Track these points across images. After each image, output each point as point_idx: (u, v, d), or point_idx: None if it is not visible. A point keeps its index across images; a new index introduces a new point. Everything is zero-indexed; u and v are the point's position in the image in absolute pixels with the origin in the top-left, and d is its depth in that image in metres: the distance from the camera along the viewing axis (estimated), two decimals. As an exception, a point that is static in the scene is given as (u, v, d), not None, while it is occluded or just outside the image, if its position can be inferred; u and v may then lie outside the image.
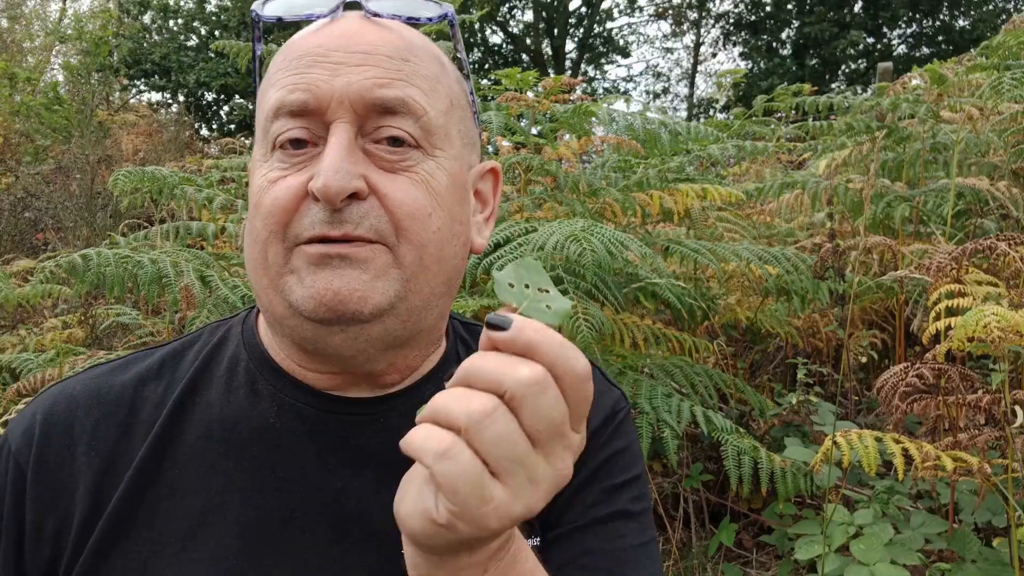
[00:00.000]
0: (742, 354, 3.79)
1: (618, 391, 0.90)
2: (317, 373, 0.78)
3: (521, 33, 23.68)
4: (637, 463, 0.86)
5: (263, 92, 0.76)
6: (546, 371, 0.52)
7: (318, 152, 0.70)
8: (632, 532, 0.81)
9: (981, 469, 1.90)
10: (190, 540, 0.72)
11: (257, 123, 0.77)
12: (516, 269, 0.59)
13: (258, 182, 0.73)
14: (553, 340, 0.53)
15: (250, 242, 0.74)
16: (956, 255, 2.18)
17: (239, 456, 0.76)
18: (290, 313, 0.71)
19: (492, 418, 0.51)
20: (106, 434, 0.76)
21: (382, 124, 0.71)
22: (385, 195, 0.70)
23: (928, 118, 3.26)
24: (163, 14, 18.41)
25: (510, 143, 3.28)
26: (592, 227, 2.13)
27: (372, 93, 0.70)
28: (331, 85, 0.69)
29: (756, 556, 2.85)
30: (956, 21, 19.83)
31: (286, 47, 0.75)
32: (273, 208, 0.70)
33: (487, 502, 0.51)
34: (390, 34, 0.74)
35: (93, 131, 9.43)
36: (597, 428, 0.84)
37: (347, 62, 0.70)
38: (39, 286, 3.12)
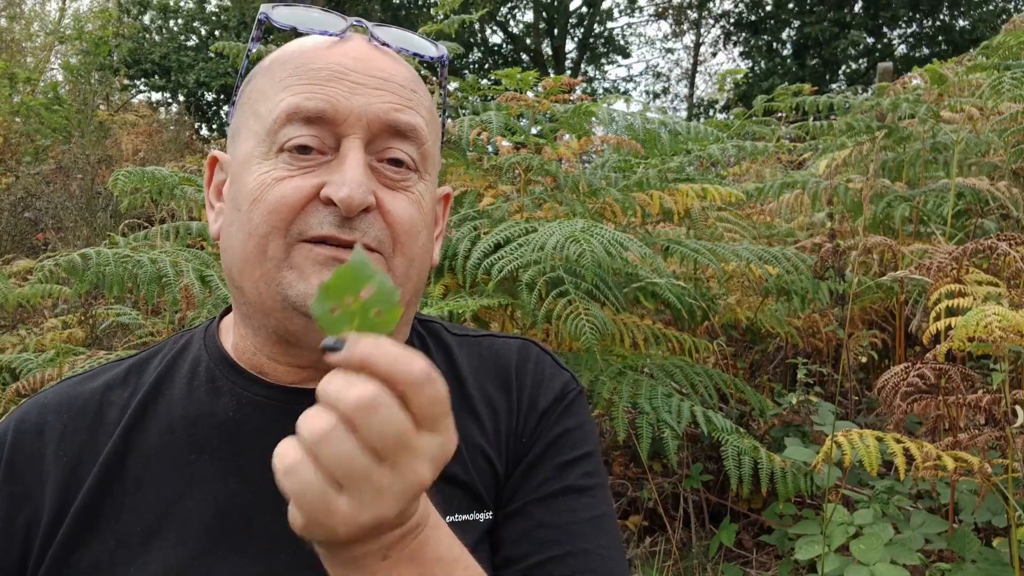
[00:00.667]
0: (742, 354, 3.80)
1: (568, 374, 0.93)
2: (287, 366, 0.82)
3: (521, 33, 23.68)
4: (588, 441, 0.89)
5: (266, 93, 0.78)
6: (378, 388, 0.53)
7: (326, 160, 0.75)
8: (583, 506, 0.84)
9: (981, 469, 1.90)
10: (155, 533, 0.76)
11: (251, 119, 0.79)
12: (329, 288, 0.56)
13: (258, 179, 0.75)
14: (385, 353, 0.53)
15: (242, 236, 0.76)
16: (956, 255, 2.18)
17: (201, 450, 0.79)
18: (282, 306, 0.75)
19: (328, 438, 0.53)
20: (73, 436, 0.81)
21: (391, 145, 0.77)
22: (389, 211, 0.76)
23: (928, 118, 3.26)
24: (163, 14, 18.41)
25: (510, 143, 3.28)
26: (592, 227, 2.13)
27: (389, 116, 0.76)
28: (350, 102, 0.75)
29: (756, 556, 2.85)
30: (956, 21, 19.83)
31: (293, 55, 0.79)
32: (279, 205, 0.74)
33: (332, 514, 0.54)
34: (400, 65, 0.81)
35: (93, 131, 9.43)
36: (546, 408, 0.88)
37: (366, 84, 0.76)
38: (39, 286, 3.12)
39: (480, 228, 2.54)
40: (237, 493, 0.77)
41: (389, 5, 18.84)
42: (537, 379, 0.91)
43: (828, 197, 3.53)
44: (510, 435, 0.87)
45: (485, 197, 2.83)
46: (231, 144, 0.83)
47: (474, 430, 0.87)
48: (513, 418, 0.88)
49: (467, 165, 3.06)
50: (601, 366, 2.48)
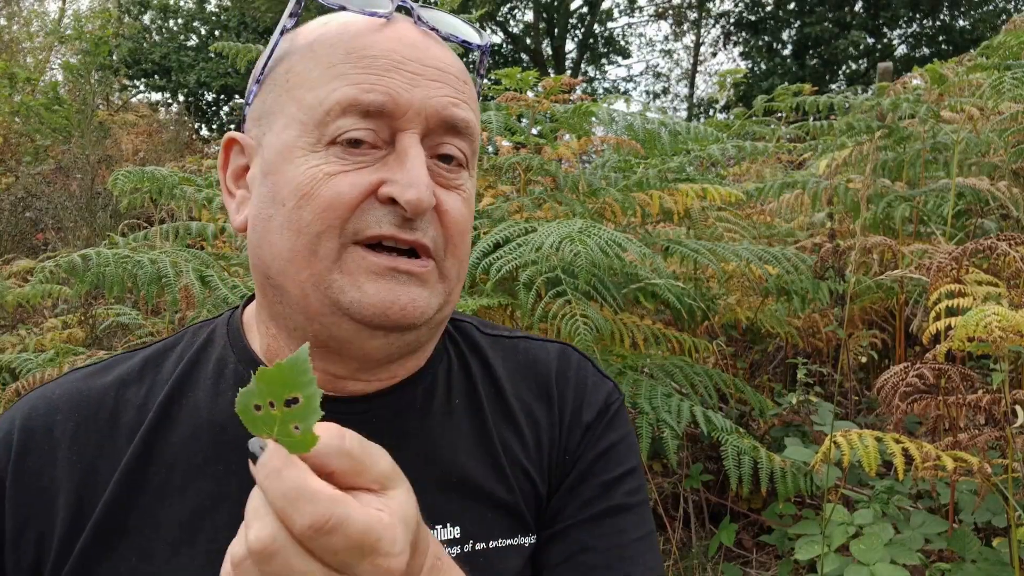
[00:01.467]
0: (742, 354, 3.79)
1: (611, 383, 0.90)
2: (322, 374, 0.76)
3: (521, 33, 23.68)
4: (632, 455, 0.86)
5: (314, 78, 0.72)
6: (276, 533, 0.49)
7: (381, 155, 0.71)
8: (630, 526, 0.81)
9: (981, 469, 1.90)
10: (181, 545, 0.72)
11: (294, 105, 0.72)
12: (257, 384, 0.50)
13: (308, 172, 0.70)
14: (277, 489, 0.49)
15: (290, 233, 0.70)
16: (956, 255, 2.17)
17: (228, 459, 0.75)
18: (330, 311, 0.70)
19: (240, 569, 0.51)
20: (87, 438, 0.75)
21: (445, 141, 0.73)
22: (446, 211, 0.73)
23: (928, 118, 3.26)
24: (163, 14, 18.41)
25: (510, 143, 3.28)
26: (589, 228, 2.13)
27: (447, 111, 0.72)
28: (411, 95, 0.70)
29: (756, 556, 2.85)
30: (956, 21, 19.82)
31: (343, 39, 0.72)
32: (335, 202, 0.69)
33: None
34: (451, 55, 0.77)
35: (93, 131, 9.43)
36: (591, 423, 0.84)
37: (423, 75, 0.72)
38: (39, 286, 3.12)
39: (479, 228, 2.54)
40: None
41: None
42: (580, 389, 0.87)
43: (828, 197, 3.52)
44: (552, 450, 0.83)
45: (485, 197, 2.83)
46: (255, 127, 0.77)
47: (515, 445, 0.82)
48: (556, 432, 0.83)
49: (467, 165, 3.06)
50: (601, 366, 2.47)
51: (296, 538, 0.49)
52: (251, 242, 0.76)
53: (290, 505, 0.49)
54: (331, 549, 0.49)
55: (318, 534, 0.49)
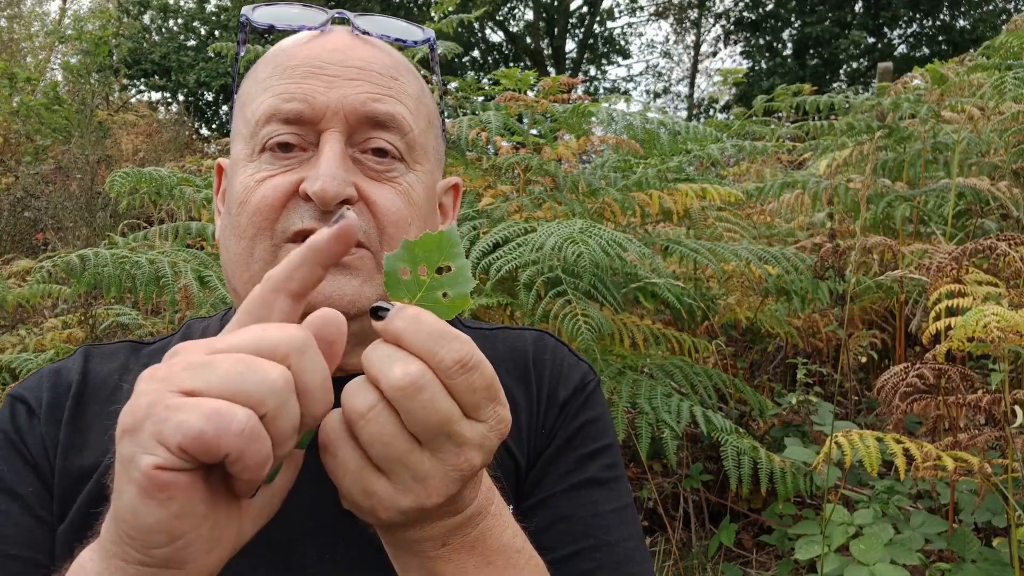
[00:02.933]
0: (742, 354, 3.79)
1: (586, 365, 0.93)
2: None
3: (521, 32, 23.68)
4: (608, 433, 0.89)
5: (250, 95, 0.78)
6: (422, 370, 0.50)
7: (307, 157, 0.74)
8: (605, 498, 0.84)
9: (981, 469, 1.89)
10: None
11: (240, 122, 0.79)
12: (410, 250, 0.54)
13: (243, 181, 0.75)
14: (420, 330, 0.51)
15: (234, 239, 0.76)
16: (956, 255, 2.17)
17: None
18: None
19: (367, 419, 0.51)
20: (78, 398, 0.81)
21: (371, 136, 0.76)
22: (373, 202, 0.75)
23: (929, 118, 3.25)
24: (163, 14, 18.42)
25: (509, 143, 3.28)
26: (590, 228, 2.13)
27: (366, 107, 0.75)
28: (327, 97, 0.74)
29: (756, 556, 2.85)
30: (957, 21, 19.82)
31: (275, 54, 0.78)
32: (261, 205, 0.73)
33: (369, 495, 0.52)
34: (380, 52, 0.79)
35: (93, 131, 9.43)
36: (567, 399, 0.88)
37: (342, 75, 0.75)
38: (38, 286, 3.12)
39: (479, 228, 2.54)
40: None
41: (388, 5, 18.84)
42: (556, 370, 0.89)
43: (828, 197, 3.52)
44: (531, 427, 0.86)
45: (484, 197, 2.82)
46: (231, 148, 0.83)
47: None
48: (533, 410, 0.87)
49: (466, 165, 3.06)
50: (601, 366, 2.47)
51: (440, 375, 0.51)
52: (220, 252, 0.82)
53: (436, 342, 0.51)
54: (471, 387, 0.51)
55: (463, 369, 0.51)
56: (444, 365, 0.51)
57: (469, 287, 0.54)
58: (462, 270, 0.54)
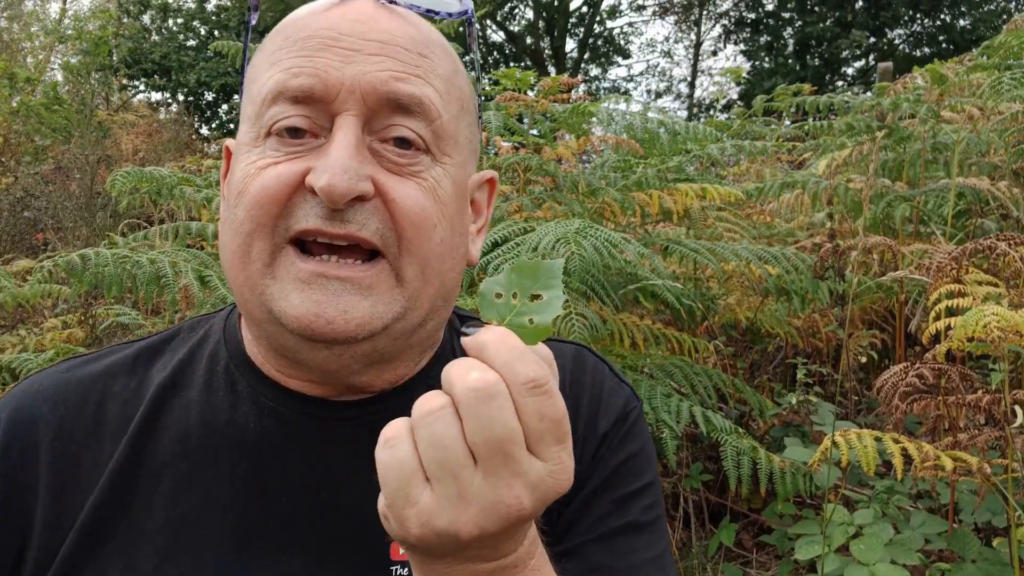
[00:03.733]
0: (742, 354, 3.79)
1: (628, 389, 0.84)
2: (299, 380, 0.74)
3: (522, 32, 23.67)
4: (650, 467, 0.81)
5: (257, 70, 0.69)
6: (499, 380, 0.49)
7: (319, 144, 0.65)
8: (644, 545, 0.76)
9: (981, 469, 1.89)
10: (170, 549, 0.69)
11: (248, 102, 0.69)
12: (508, 275, 0.55)
13: (244, 168, 0.66)
14: (504, 344, 0.50)
15: (230, 234, 0.67)
16: (956, 255, 2.17)
17: (219, 462, 0.72)
18: (268, 319, 0.67)
19: (433, 416, 0.49)
20: (71, 430, 0.72)
21: (393, 123, 0.65)
22: (393, 200, 0.65)
23: (929, 118, 3.25)
24: (163, 13, 18.41)
25: (509, 143, 3.28)
26: (586, 228, 2.12)
27: (387, 86, 0.64)
28: (342, 73, 0.63)
29: (756, 556, 2.85)
30: (957, 21, 19.83)
31: (287, 24, 0.68)
32: (261, 198, 0.64)
33: (411, 503, 0.49)
34: (407, 24, 0.68)
35: (93, 131, 9.43)
36: (607, 431, 0.79)
37: (361, 49, 0.64)
38: (38, 286, 3.12)
39: (479, 228, 2.54)
40: (257, 514, 0.70)
41: None
42: (595, 395, 0.81)
43: (828, 197, 3.52)
44: None
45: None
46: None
47: None
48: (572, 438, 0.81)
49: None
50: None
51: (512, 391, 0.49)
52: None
53: (517, 358, 0.49)
54: (540, 412, 0.49)
55: (535, 390, 0.49)
56: (518, 380, 0.49)
57: (553, 315, 0.54)
58: (553, 301, 0.54)
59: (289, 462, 0.73)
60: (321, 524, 0.71)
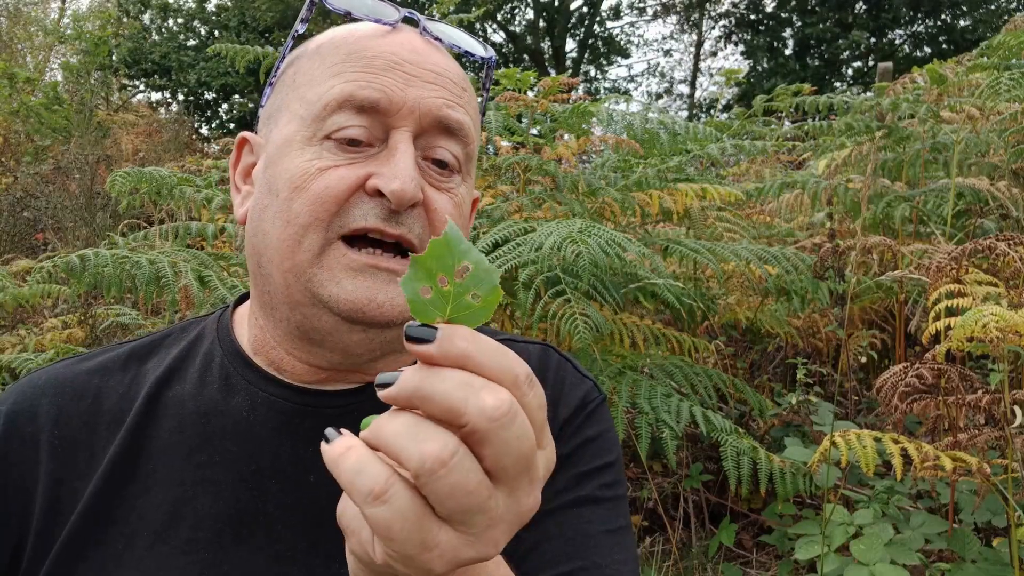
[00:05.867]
0: (742, 354, 3.79)
1: (590, 382, 0.89)
2: (306, 365, 0.78)
3: (522, 32, 23.68)
4: (611, 450, 0.85)
5: (315, 77, 0.75)
6: (510, 396, 0.44)
7: (374, 152, 0.73)
8: (599, 518, 0.79)
9: (981, 469, 1.89)
10: (164, 533, 0.73)
11: (299, 103, 0.76)
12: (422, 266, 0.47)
13: (301, 165, 0.73)
14: (488, 348, 0.45)
15: (280, 222, 0.73)
16: (956, 255, 2.17)
17: (212, 450, 0.76)
18: (311, 301, 0.73)
19: (449, 467, 0.43)
20: (69, 420, 0.77)
21: (438, 144, 0.75)
22: (434, 210, 0.74)
23: (928, 118, 3.26)
24: (162, 13, 18.41)
25: (509, 143, 3.28)
26: (589, 228, 2.13)
27: (441, 111, 0.74)
28: (405, 93, 0.73)
29: (756, 556, 2.85)
30: (958, 21, 19.83)
31: (347, 41, 0.76)
32: (324, 195, 0.71)
33: (430, 548, 0.45)
34: (451, 61, 0.80)
35: (93, 131, 9.43)
36: (568, 417, 0.84)
37: (420, 76, 0.74)
38: (37, 286, 3.12)
39: (479, 228, 2.54)
40: (249, 499, 0.75)
41: (389, 5, 18.81)
42: (558, 387, 0.86)
43: (828, 197, 3.52)
44: None
45: (484, 197, 2.82)
46: (264, 126, 0.81)
47: None
48: None
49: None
50: (600, 366, 2.48)
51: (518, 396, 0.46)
52: (248, 231, 0.79)
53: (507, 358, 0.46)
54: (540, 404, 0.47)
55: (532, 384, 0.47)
56: (520, 380, 0.46)
57: (495, 279, 0.47)
58: (479, 263, 0.47)
59: (280, 449, 0.77)
60: (311, 508, 0.75)
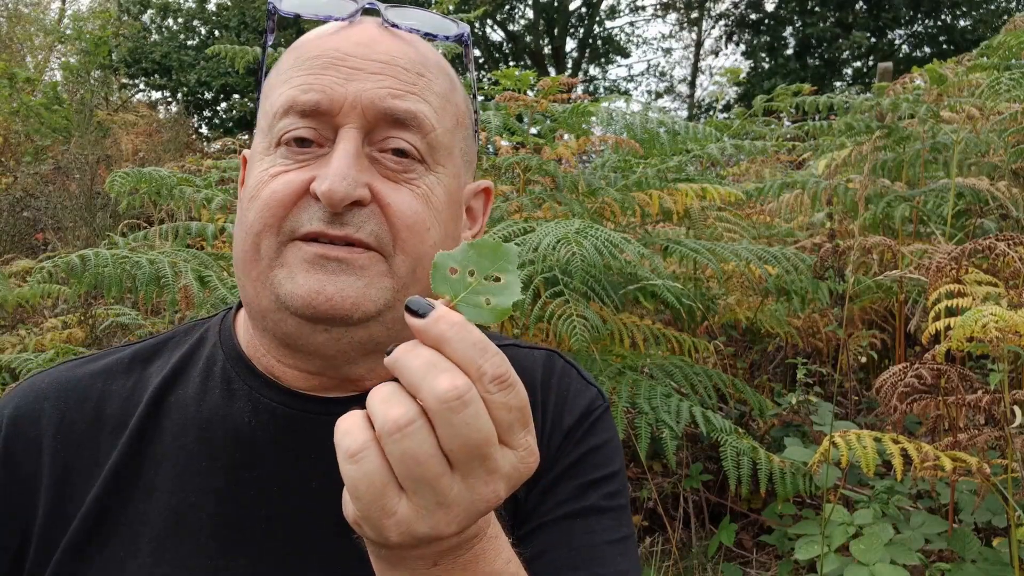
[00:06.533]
0: (742, 354, 3.79)
1: (595, 389, 0.89)
2: (296, 371, 0.78)
3: (521, 32, 23.68)
4: (613, 461, 0.85)
5: (271, 87, 0.76)
6: (469, 383, 0.48)
7: (323, 153, 0.71)
8: (603, 528, 0.79)
9: (980, 469, 1.89)
10: (166, 540, 0.73)
11: (262, 116, 0.77)
12: (465, 252, 0.52)
13: (257, 175, 0.73)
14: (466, 339, 0.48)
15: (242, 234, 0.74)
16: (956, 255, 2.17)
17: (214, 455, 0.76)
18: (275, 307, 0.72)
19: (403, 432, 0.47)
20: (72, 424, 0.77)
21: (390, 135, 0.72)
22: (387, 204, 0.71)
23: (928, 118, 3.25)
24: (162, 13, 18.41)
25: (509, 143, 3.28)
26: (586, 228, 2.13)
27: (385, 103, 0.71)
28: (345, 89, 0.71)
29: (756, 556, 2.85)
30: (958, 21, 19.84)
31: (299, 45, 0.76)
32: (270, 201, 0.71)
33: (388, 514, 0.49)
34: (407, 46, 0.76)
35: (93, 131, 9.43)
36: (572, 426, 0.84)
37: (364, 68, 0.72)
38: (37, 286, 3.12)
39: (479, 228, 2.54)
40: (251, 505, 0.75)
41: (389, 5, 18.81)
42: (562, 395, 0.86)
43: (828, 197, 3.52)
44: None
45: (484, 197, 2.82)
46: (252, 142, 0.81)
47: None
48: (537, 436, 0.80)
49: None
50: (600, 366, 2.48)
51: (479, 389, 0.48)
52: None
53: (480, 354, 0.48)
54: (507, 405, 0.49)
55: (502, 385, 0.49)
56: (486, 379, 0.48)
57: (514, 299, 0.52)
58: (511, 284, 0.52)
59: (282, 455, 0.77)
60: (313, 515, 0.75)
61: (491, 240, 0.53)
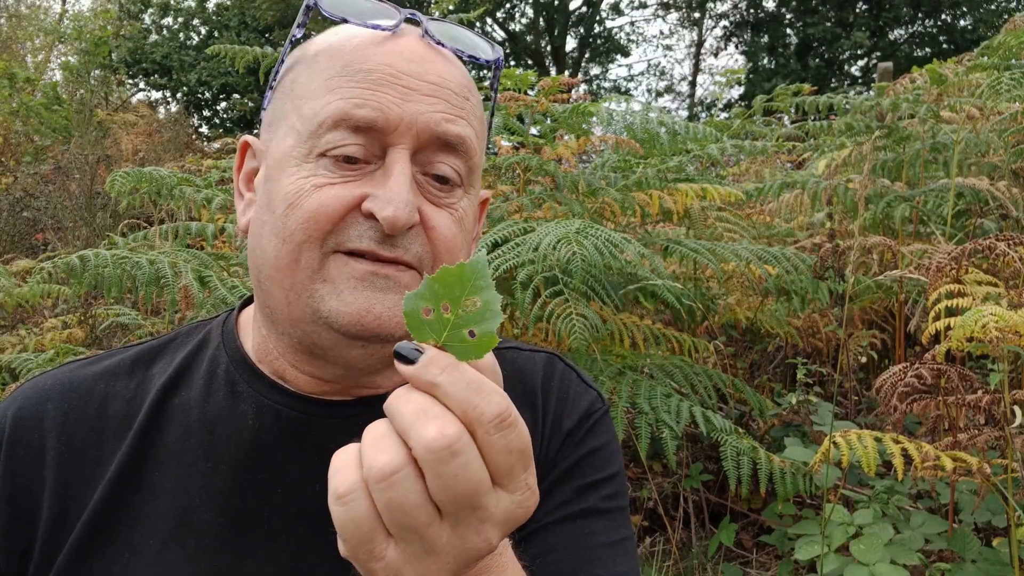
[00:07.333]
0: (742, 354, 3.79)
1: (594, 392, 0.89)
2: (309, 377, 0.78)
3: (522, 31, 23.67)
4: (613, 462, 0.85)
5: (310, 90, 0.73)
6: (460, 431, 0.46)
7: (371, 170, 0.71)
8: (602, 530, 0.80)
9: (981, 469, 1.89)
10: (170, 541, 0.73)
11: (294, 115, 0.74)
12: (430, 287, 0.49)
13: (297, 183, 0.71)
14: (459, 381, 0.47)
15: (276, 240, 0.72)
16: (956, 255, 2.17)
17: (218, 458, 0.76)
18: (311, 319, 0.72)
19: (390, 482, 0.46)
20: (75, 426, 0.77)
21: (438, 159, 0.73)
22: (432, 228, 0.73)
23: (928, 118, 3.25)
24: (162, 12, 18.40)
25: (509, 143, 3.28)
26: (586, 228, 2.13)
27: (440, 127, 0.72)
28: (401, 110, 0.70)
29: (756, 556, 2.85)
30: (958, 21, 19.84)
31: (342, 51, 0.73)
32: (318, 214, 0.70)
33: (376, 559, 0.48)
34: (454, 68, 0.76)
35: (92, 131, 9.43)
36: (571, 429, 0.85)
37: (418, 90, 0.71)
38: (37, 286, 3.12)
39: (479, 228, 2.54)
40: (255, 507, 0.75)
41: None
42: (562, 398, 0.86)
43: (828, 197, 3.52)
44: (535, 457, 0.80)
45: (484, 197, 2.82)
46: (266, 132, 0.78)
47: None
48: (538, 440, 0.83)
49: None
50: (600, 366, 2.48)
51: (477, 431, 0.47)
52: (249, 244, 0.78)
53: (477, 395, 0.47)
54: (508, 447, 0.48)
55: (502, 426, 0.47)
56: (484, 419, 0.47)
57: (496, 323, 0.49)
58: (489, 304, 0.49)
59: (285, 457, 0.77)
60: (316, 518, 0.74)
61: (450, 267, 0.49)
